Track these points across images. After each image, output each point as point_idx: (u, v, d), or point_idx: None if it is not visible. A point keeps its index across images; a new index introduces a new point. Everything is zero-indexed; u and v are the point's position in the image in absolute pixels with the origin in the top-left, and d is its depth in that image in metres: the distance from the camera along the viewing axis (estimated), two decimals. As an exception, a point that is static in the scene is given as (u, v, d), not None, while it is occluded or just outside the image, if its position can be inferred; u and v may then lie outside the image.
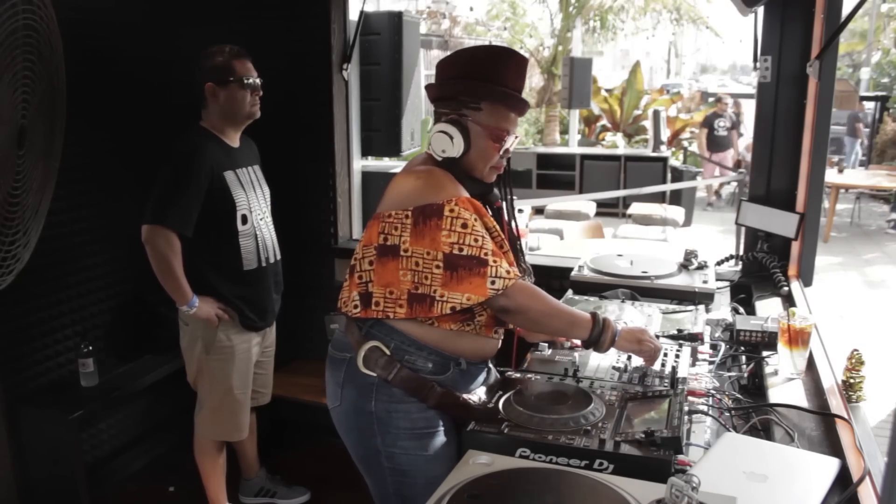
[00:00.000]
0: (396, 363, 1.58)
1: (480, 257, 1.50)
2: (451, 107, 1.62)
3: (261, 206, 2.51)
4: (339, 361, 1.67)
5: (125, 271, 3.07)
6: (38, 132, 2.22)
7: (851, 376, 1.73)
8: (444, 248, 1.51)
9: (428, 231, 1.52)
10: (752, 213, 2.60)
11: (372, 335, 1.61)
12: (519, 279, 1.55)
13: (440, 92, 1.66)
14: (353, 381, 1.62)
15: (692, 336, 1.85)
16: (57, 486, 2.66)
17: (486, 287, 1.50)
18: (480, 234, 1.52)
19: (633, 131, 12.17)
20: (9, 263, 2.16)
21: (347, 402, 1.64)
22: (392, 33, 3.17)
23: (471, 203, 1.56)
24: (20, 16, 2.02)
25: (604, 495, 1.18)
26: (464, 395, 1.61)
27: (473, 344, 1.64)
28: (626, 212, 7.71)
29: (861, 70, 16.44)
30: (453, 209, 1.52)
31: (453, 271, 1.51)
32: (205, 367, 2.50)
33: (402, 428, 1.59)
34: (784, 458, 1.34)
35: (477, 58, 1.64)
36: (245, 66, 2.40)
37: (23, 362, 2.64)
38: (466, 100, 1.60)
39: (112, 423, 3.03)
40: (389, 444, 1.60)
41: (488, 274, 1.50)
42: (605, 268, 2.36)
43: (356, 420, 1.63)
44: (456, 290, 1.51)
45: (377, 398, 1.59)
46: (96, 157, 2.86)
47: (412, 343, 1.59)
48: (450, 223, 1.52)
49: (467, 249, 1.51)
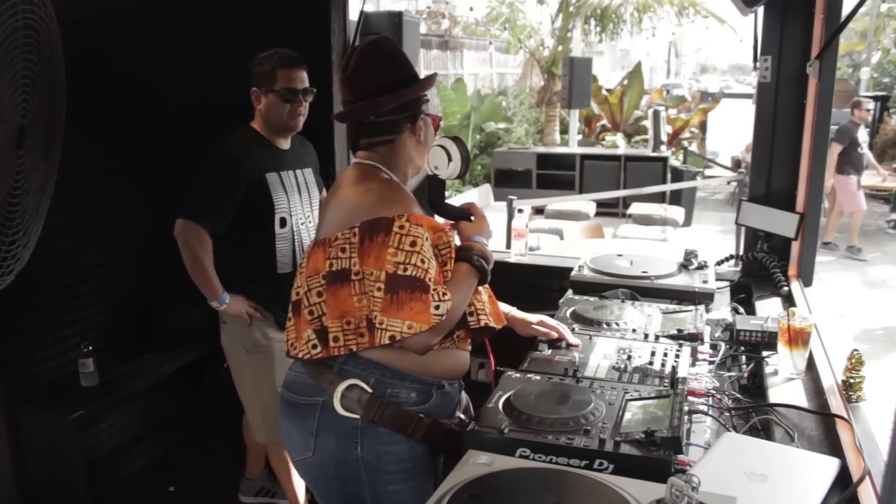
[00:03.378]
0: (379, 400, 1.44)
1: (424, 281, 1.36)
2: (397, 116, 1.52)
3: (304, 211, 2.47)
4: (307, 407, 1.50)
5: (125, 271, 3.07)
6: (38, 132, 2.22)
7: (851, 376, 1.73)
8: (388, 267, 1.36)
9: (373, 248, 1.38)
10: (752, 213, 2.60)
11: (347, 372, 1.45)
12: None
13: (377, 111, 1.51)
14: (329, 428, 1.46)
15: (692, 336, 1.84)
16: (57, 485, 2.66)
17: (431, 314, 1.35)
18: (428, 255, 1.39)
19: (633, 131, 12.17)
20: (9, 263, 2.16)
21: (324, 452, 1.48)
22: (392, 33, 3.17)
23: (425, 220, 1.43)
24: (20, 16, 2.02)
25: (604, 495, 1.18)
26: (447, 421, 1.54)
27: (453, 360, 1.55)
28: (626, 212, 7.71)
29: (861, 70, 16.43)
30: (404, 225, 1.39)
31: (394, 294, 1.35)
32: (247, 367, 2.49)
33: (391, 472, 1.48)
34: (784, 458, 1.34)
35: (385, 59, 1.53)
36: (290, 76, 2.36)
37: (23, 362, 2.64)
38: (409, 103, 1.52)
39: (112, 423, 3.03)
40: (378, 490, 1.48)
41: (431, 300, 1.36)
42: (605, 268, 2.36)
43: (337, 470, 1.48)
44: (396, 316, 1.35)
45: (363, 443, 1.45)
46: (96, 157, 2.87)
47: (394, 374, 1.46)
48: (398, 240, 1.38)
49: (411, 270, 1.36)
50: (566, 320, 1.99)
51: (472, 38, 14.44)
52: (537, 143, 11.81)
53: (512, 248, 2.98)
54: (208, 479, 3.03)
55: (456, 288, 1.44)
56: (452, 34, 13.47)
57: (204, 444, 3.23)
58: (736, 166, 9.64)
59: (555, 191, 9.44)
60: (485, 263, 1.50)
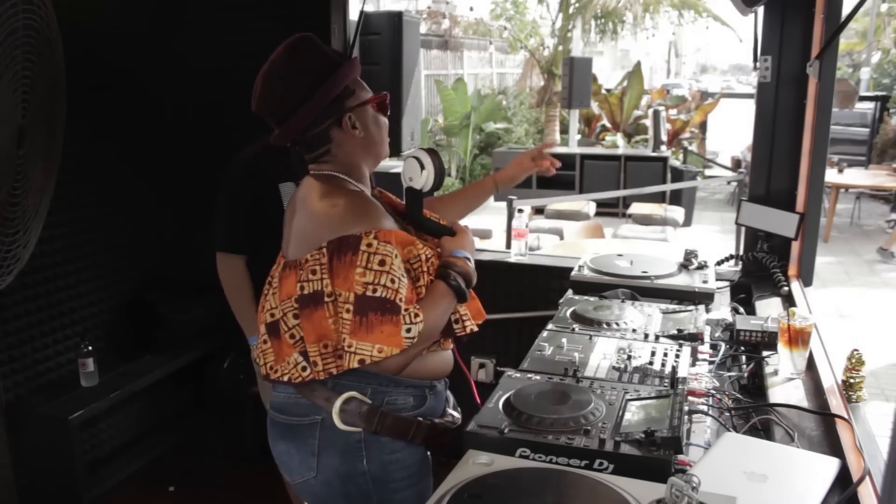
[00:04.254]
0: (379, 410, 1.42)
1: (395, 302, 1.32)
2: (324, 117, 1.44)
3: None
4: (305, 427, 1.46)
5: (125, 271, 3.08)
6: (38, 132, 2.22)
7: (851, 376, 1.73)
8: (356, 288, 1.31)
9: (342, 268, 1.33)
10: (752, 213, 2.60)
11: (342, 386, 1.41)
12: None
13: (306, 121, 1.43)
14: (332, 445, 1.44)
15: (692, 336, 1.84)
16: (57, 485, 2.66)
17: (402, 337, 1.32)
18: (398, 274, 1.34)
19: (633, 131, 12.17)
20: (9, 263, 2.16)
21: (329, 470, 1.45)
22: (392, 33, 3.17)
23: (393, 235, 1.37)
24: (20, 16, 2.02)
25: (604, 495, 1.18)
26: (441, 420, 1.54)
27: (439, 361, 1.54)
28: (626, 212, 7.70)
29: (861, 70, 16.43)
30: (371, 243, 1.33)
31: (363, 316, 1.31)
32: None
33: (399, 480, 1.47)
34: (784, 458, 1.34)
35: (304, 60, 1.45)
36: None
37: (23, 362, 2.64)
38: (325, 109, 1.43)
39: (112, 423, 3.03)
40: (386, 499, 1.47)
41: (402, 322, 1.32)
42: (605, 268, 2.36)
43: (344, 486, 1.46)
44: (366, 339, 1.31)
45: (368, 455, 1.44)
46: (96, 157, 2.87)
47: (390, 381, 1.44)
48: (366, 259, 1.32)
49: (381, 291, 1.31)
50: (566, 320, 1.99)
51: (473, 37, 14.44)
52: (537, 143, 11.80)
53: (512, 248, 2.98)
54: (208, 480, 3.03)
55: (431, 307, 1.40)
56: (452, 34, 13.47)
57: (204, 444, 3.23)
58: (736, 166, 9.64)
59: (555, 191, 9.42)
60: (462, 283, 1.44)
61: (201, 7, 3.00)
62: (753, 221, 2.60)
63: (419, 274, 1.42)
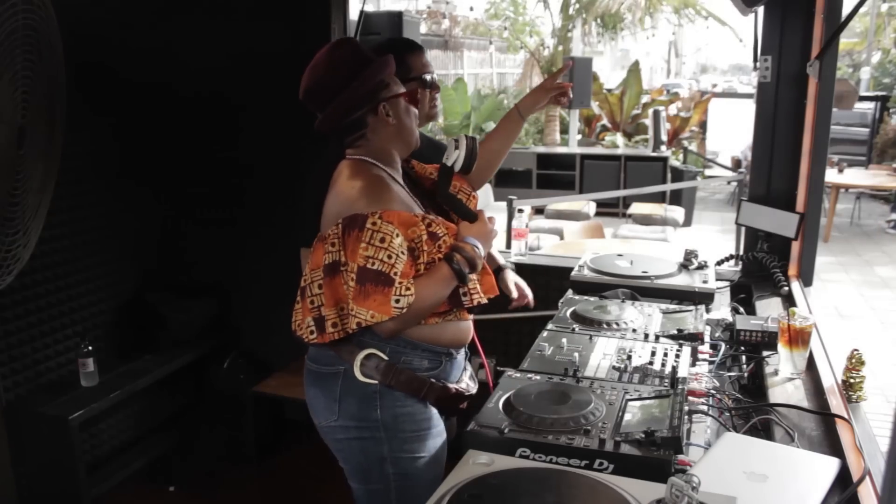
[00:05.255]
0: (395, 367, 1.59)
1: (389, 275, 1.47)
2: (364, 111, 1.62)
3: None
4: (330, 376, 1.64)
5: (125, 271, 3.08)
6: (38, 132, 2.22)
7: (851, 376, 1.73)
8: (359, 260, 1.48)
9: (350, 242, 1.50)
10: (752, 213, 2.60)
11: (364, 343, 1.59)
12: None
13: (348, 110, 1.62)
14: (351, 393, 1.61)
15: (692, 336, 1.85)
16: (57, 485, 2.66)
17: (391, 306, 1.47)
18: (396, 252, 1.49)
19: (633, 131, 12.16)
20: (9, 263, 2.16)
21: (347, 415, 1.62)
22: (392, 33, 3.17)
23: (396, 216, 1.52)
24: (20, 16, 2.02)
25: (604, 495, 1.18)
26: (455, 385, 1.68)
27: (456, 331, 1.67)
28: (626, 212, 7.70)
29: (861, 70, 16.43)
30: (376, 222, 1.49)
31: (362, 286, 1.48)
32: None
33: (408, 431, 1.61)
34: (784, 458, 1.34)
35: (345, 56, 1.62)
36: (424, 64, 2.13)
37: (23, 362, 2.64)
38: (364, 96, 1.60)
39: (112, 423, 3.03)
40: (396, 449, 1.61)
41: (392, 293, 1.47)
42: (605, 268, 2.36)
43: (359, 431, 1.62)
44: (362, 305, 1.48)
45: (381, 405, 1.59)
46: (96, 157, 2.87)
47: (407, 343, 1.60)
48: (370, 236, 1.49)
49: (378, 265, 1.48)
50: (566, 320, 2.00)
51: (473, 37, 14.44)
52: (537, 143, 11.80)
53: (512, 248, 2.98)
54: (208, 480, 3.03)
55: (426, 284, 1.53)
56: (452, 34, 13.47)
57: (204, 444, 3.23)
58: (736, 166, 9.63)
59: (555, 191, 9.43)
60: (463, 268, 1.56)
61: (202, 7, 2.99)
62: (753, 221, 2.60)
63: (419, 253, 1.55)
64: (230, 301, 3.36)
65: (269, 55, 2.88)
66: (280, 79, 2.73)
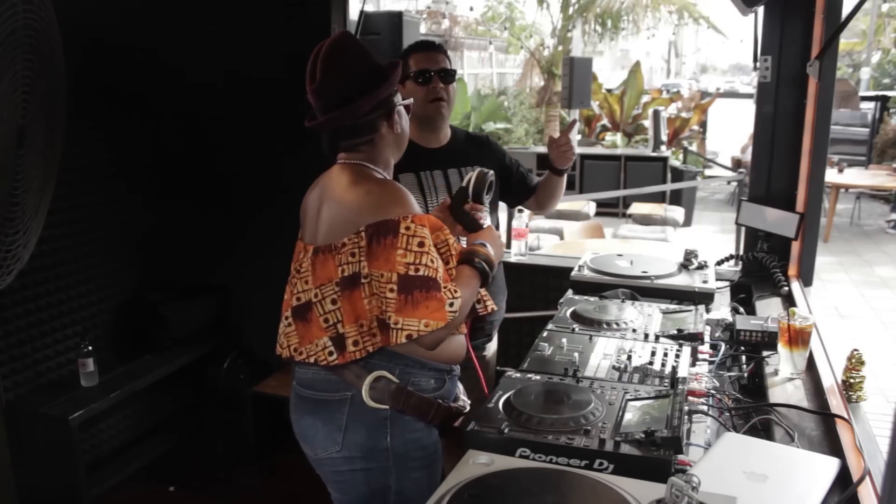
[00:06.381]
0: (405, 389, 1.50)
1: (436, 280, 1.40)
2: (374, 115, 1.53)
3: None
4: (334, 403, 1.52)
5: (125, 271, 3.08)
6: (38, 132, 2.22)
7: (851, 376, 1.73)
8: (399, 268, 1.40)
9: (382, 251, 1.41)
10: (752, 213, 2.60)
11: (372, 365, 1.50)
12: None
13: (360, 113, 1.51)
14: (359, 421, 1.50)
15: (692, 336, 1.84)
16: (57, 485, 2.66)
17: (446, 311, 1.40)
18: (435, 255, 1.43)
19: (633, 131, 12.16)
20: (9, 263, 2.16)
21: (353, 444, 1.51)
22: (392, 33, 3.17)
23: (426, 219, 1.47)
24: (20, 16, 2.02)
25: (604, 495, 1.18)
26: (455, 404, 1.61)
27: (456, 346, 1.60)
28: (626, 212, 7.70)
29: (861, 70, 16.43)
30: (410, 227, 1.42)
31: (408, 294, 1.39)
32: None
33: (416, 459, 1.53)
34: (784, 458, 1.34)
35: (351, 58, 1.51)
36: (425, 60, 2.11)
37: (23, 362, 2.64)
38: (384, 100, 1.53)
39: (112, 423, 3.03)
40: (403, 478, 1.53)
41: (445, 297, 1.40)
42: (605, 268, 2.36)
43: (365, 462, 1.52)
44: (412, 315, 1.39)
45: (392, 432, 1.50)
46: (96, 157, 2.87)
47: (415, 363, 1.52)
48: (406, 241, 1.41)
49: (423, 270, 1.40)
50: (566, 320, 1.99)
51: (473, 37, 14.43)
52: (537, 143, 11.80)
53: (512, 248, 2.98)
54: (208, 480, 3.03)
55: (463, 286, 1.49)
56: (452, 34, 13.46)
57: (204, 444, 3.23)
58: (736, 166, 9.63)
59: (555, 191, 9.42)
60: (486, 266, 1.55)
61: (202, 8, 2.99)
62: (753, 221, 2.60)
63: (447, 258, 1.52)
64: (230, 301, 3.36)
65: (269, 55, 2.88)
66: (280, 79, 2.74)
